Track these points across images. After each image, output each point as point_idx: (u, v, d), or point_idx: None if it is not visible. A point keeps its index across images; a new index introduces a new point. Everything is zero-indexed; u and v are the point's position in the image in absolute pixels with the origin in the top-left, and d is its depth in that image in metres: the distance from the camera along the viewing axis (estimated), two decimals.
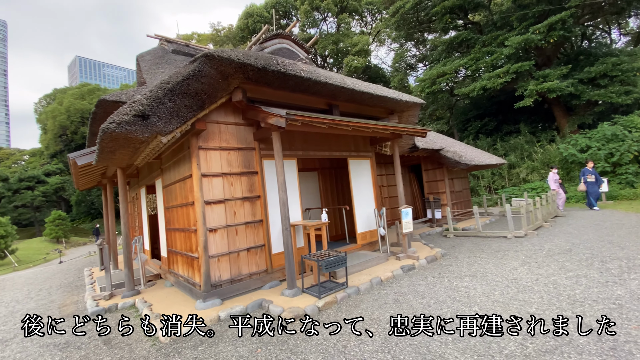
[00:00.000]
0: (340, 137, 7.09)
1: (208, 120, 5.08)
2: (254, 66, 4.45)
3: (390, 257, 6.69)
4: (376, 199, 7.68)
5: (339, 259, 4.85)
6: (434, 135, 12.30)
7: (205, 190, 4.96)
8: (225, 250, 5.05)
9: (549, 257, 5.81)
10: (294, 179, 6.13)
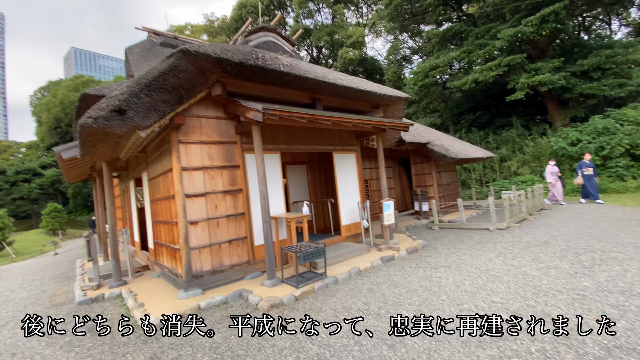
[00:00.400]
0: (325, 131, 7.16)
1: (188, 114, 5.14)
2: (232, 61, 4.50)
3: (373, 248, 6.83)
4: (361, 192, 7.79)
5: (317, 250, 4.98)
6: (422, 129, 12.36)
7: (186, 183, 5.05)
8: (206, 242, 5.17)
9: (525, 249, 5.97)
10: (277, 172, 6.22)
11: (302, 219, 5.62)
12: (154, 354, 3.40)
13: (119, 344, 3.79)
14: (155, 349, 3.51)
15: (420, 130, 11.74)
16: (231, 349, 3.30)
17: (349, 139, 7.72)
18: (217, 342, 3.51)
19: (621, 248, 5.42)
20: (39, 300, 6.14)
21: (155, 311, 4.51)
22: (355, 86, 6.27)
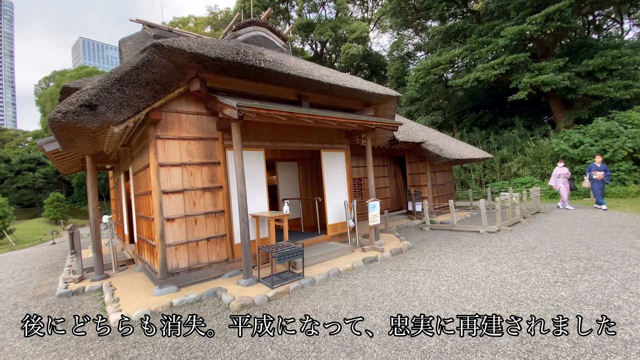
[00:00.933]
0: (313, 129, 7.06)
1: (167, 109, 5.07)
2: (208, 56, 4.41)
3: (357, 248, 6.75)
4: (349, 191, 7.70)
5: (294, 250, 4.92)
6: (418, 128, 12.18)
7: (163, 179, 5.00)
8: (183, 239, 5.13)
9: (511, 254, 5.84)
10: (261, 169, 6.14)
11: (281, 217, 5.55)
12: (115, 352, 3.37)
13: (86, 339, 3.77)
14: (118, 347, 3.48)
15: (415, 130, 11.57)
16: (191, 350, 3.26)
17: (338, 137, 7.61)
18: (179, 342, 3.48)
19: (609, 256, 5.28)
20: (23, 291, 6.18)
21: (128, 307, 4.49)
22: (342, 84, 6.14)
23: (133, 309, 4.40)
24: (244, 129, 5.93)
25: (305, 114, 5.02)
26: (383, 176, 12.46)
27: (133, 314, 4.25)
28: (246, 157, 5.92)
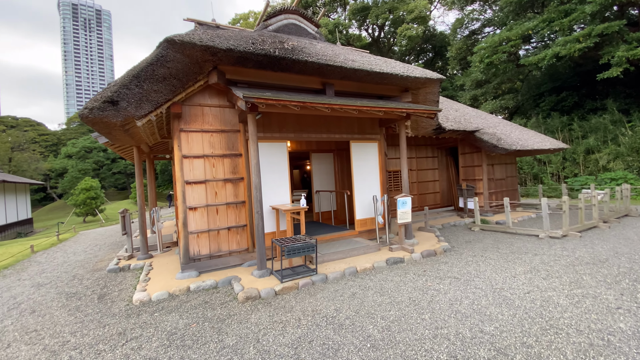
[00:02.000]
0: (341, 118, 6.71)
1: (190, 103, 5.26)
2: (219, 48, 4.39)
3: (385, 247, 6.30)
4: (382, 185, 7.19)
5: (305, 245, 4.75)
6: (474, 114, 10.79)
7: (186, 170, 5.24)
8: (204, 227, 5.35)
9: (569, 267, 4.82)
10: (284, 161, 6.06)
11: (299, 210, 5.41)
12: (124, 330, 3.66)
13: (110, 314, 4.18)
14: (129, 325, 3.77)
15: (470, 116, 10.28)
16: (183, 338, 3.36)
17: (370, 126, 7.12)
18: (179, 328, 3.62)
19: None
20: (86, 265, 7.20)
21: (153, 288, 4.87)
22: (369, 68, 5.65)
23: (155, 290, 4.75)
24: (266, 121, 5.89)
25: (320, 102, 4.74)
26: (432, 168, 11.46)
27: (153, 295, 4.58)
28: (268, 148, 5.89)
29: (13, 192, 20.74)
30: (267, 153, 5.88)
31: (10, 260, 8.04)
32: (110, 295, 4.97)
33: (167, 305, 4.32)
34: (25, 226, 22.09)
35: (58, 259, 8.06)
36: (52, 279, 6.14)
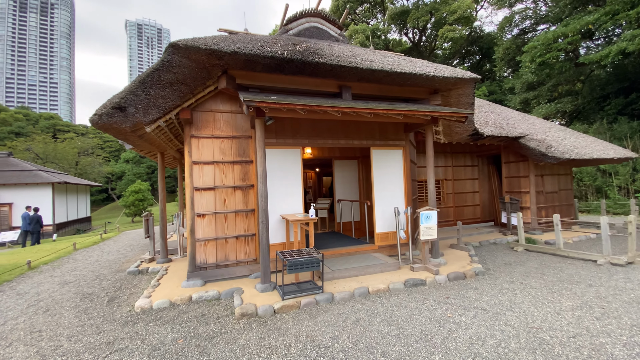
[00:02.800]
0: (361, 123, 6.27)
1: (201, 109, 5.21)
2: (224, 51, 4.25)
3: (406, 266, 5.68)
4: (407, 196, 6.57)
5: (309, 260, 4.37)
6: (519, 118, 9.61)
7: (196, 176, 5.17)
8: (212, 235, 5.22)
9: (634, 305, 3.86)
10: (297, 169, 5.77)
11: (308, 221, 5.05)
12: (114, 339, 3.56)
13: (110, 320, 4.16)
14: (122, 335, 3.68)
15: (514, 120, 9.17)
16: (163, 356, 3.15)
17: (394, 132, 6.57)
18: (165, 343, 3.43)
19: None
20: (113, 265, 7.50)
21: (158, 294, 4.81)
22: (389, 69, 5.17)
23: (159, 297, 4.67)
24: (279, 127, 5.66)
25: (330, 106, 4.37)
26: (471, 178, 10.44)
27: (155, 303, 4.50)
28: (280, 155, 5.64)
29: (74, 192, 23.09)
30: (279, 159, 5.64)
31: (52, 256, 8.71)
32: (120, 299, 5.01)
33: (165, 315, 4.19)
34: (84, 223, 24.45)
35: (93, 258, 8.55)
36: (78, 277, 6.44)
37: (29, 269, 7.33)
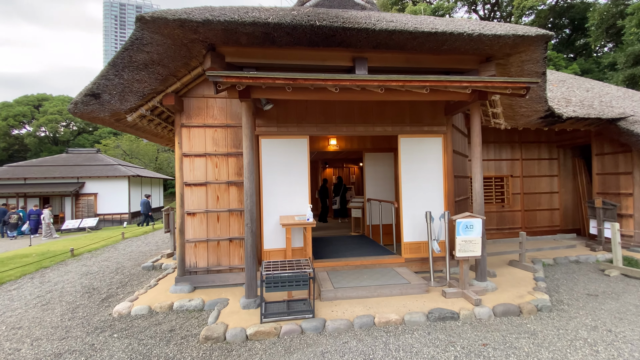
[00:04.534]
0: (385, 105, 5.07)
1: (193, 94, 4.64)
2: (196, 21, 3.52)
3: (437, 288, 4.37)
4: (447, 197, 5.17)
5: (294, 276, 3.47)
6: (619, 94, 7.08)
7: (186, 170, 4.64)
8: (203, 236, 4.65)
9: None
10: (303, 162, 4.87)
11: (304, 226, 4.13)
12: (64, 351, 3.18)
13: (89, 325, 3.86)
14: (77, 346, 3.30)
15: (610, 97, 6.77)
16: None
17: (430, 114, 5.20)
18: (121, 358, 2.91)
19: None
20: (141, 257, 7.60)
21: (144, 298, 4.43)
22: (413, 29, 3.89)
23: (142, 302, 4.28)
24: (281, 112, 4.83)
25: (319, 79, 3.36)
26: (548, 175, 8.24)
27: (134, 309, 4.10)
28: (282, 146, 4.81)
29: (149, 184, 25.73)
30: (281, 151, 4.81)
31: (100, 244, 9.35)
32: (114, 298, 4.78)
33: (135, 325, 3.74)
34: (156, 213, 27.22)
35: (131, 248, 8.92)
36: (102, 268, 6.58)
37: (71, 256, 7.85)
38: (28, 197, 19.44)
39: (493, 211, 7.89)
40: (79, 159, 22.73)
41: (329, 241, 6.62)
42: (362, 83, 3.47)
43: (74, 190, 19.51)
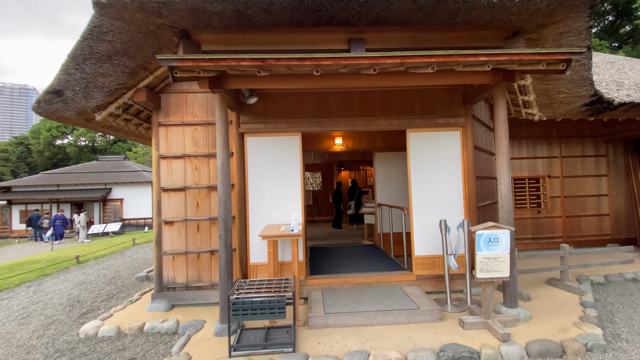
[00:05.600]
0: (390, 95, 4.34)
1: (171, 90, 4.19)
2: (156, 1, 3.05)
3: (455, 314, 3.56)
4: (467, 202, 4.32)
5: (269, 302, 2.83)
6: None
7: (163, 174, 4.17)
8: (182, 248, 4.15)
9: None
10: (294, 162, 4.26)
11: (288, 238, 3.50)
12: None
13: (50, 345, 3.48)
14: None
15: None
16: None
17: (445, 103, 4.39)
18: None
19: None
20: (140, 266, 7.32)
21: (117, 317, 4.00)
22: None
23: (114, 321, 3.84)
24: (269, 106, 4.25)
25: (294, 58, 2.74)
26: (594, 175, 7.04)
27: (101, 329, 3.66)
28: (271, 144, 4.24)
29: None
30: (269, 151, 4.23)
31: (109, 250, 9.26)
32: (93, 314, 4.41)
33: (97, 350, 3.29)
34: None
35: (136, 255, 8.73)
36: (99, 277, 6.34)
37: (76, 263, 7.75)
38: (60, 203, 20.38)
39: (527, 217, 6.82)
40: (108, 165, 23.61)
41: (334, 252, 5.93)
42: (348, 62, 2.80)
43: (102, 196, 20.18)
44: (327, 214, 12.77)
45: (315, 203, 13.05)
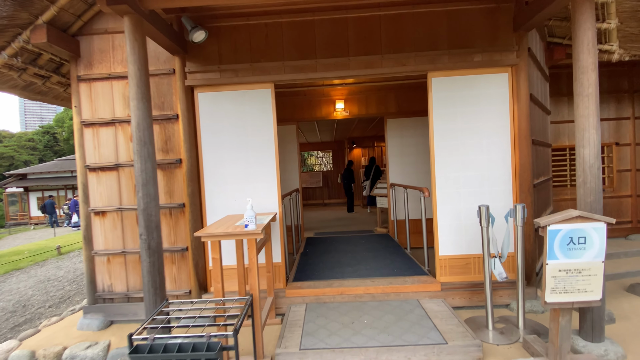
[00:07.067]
0: (403, 19, 2.94)
1: (91, 31, 3.01)
2: None
3: (501, 347, 2.29)
4: (518, 180, 2.95)
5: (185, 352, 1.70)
6: None
7: (88, 147, 3.08)
8: (118, 246, 3.10)
9: None
10: (268, 126, 3.02)
11: (240, 238, 2.32)
12: None
13: None
14: None
15: None
16: None
17: (487, 32, 2.94)
18: None
19: None
20: None
21: (44, 333, 3.07)
22: None
23: (30, 344, 2.90)
24: (225, 46, 3.00)
25: None
26: None
27: (12, 355, 2.74)
28: (231, 102, 3.01)
29: None
30: (230, 111, 3.02)
31: None
32: (29, 325, 3.55)
33: None
34: None
35: None
36: (68, 272, 5.63)
37: (57, 254, 7.07)
38: (75, 189, 20.42)
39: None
40: None
41: (335, 244, 4.73)
42: None
43: None
44: (338, 196, 11.57)
45: (325, 185, 11.85)
